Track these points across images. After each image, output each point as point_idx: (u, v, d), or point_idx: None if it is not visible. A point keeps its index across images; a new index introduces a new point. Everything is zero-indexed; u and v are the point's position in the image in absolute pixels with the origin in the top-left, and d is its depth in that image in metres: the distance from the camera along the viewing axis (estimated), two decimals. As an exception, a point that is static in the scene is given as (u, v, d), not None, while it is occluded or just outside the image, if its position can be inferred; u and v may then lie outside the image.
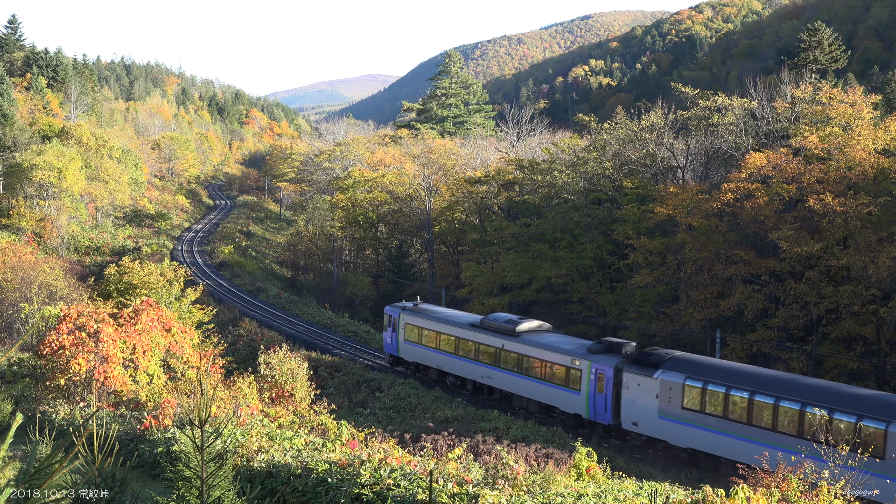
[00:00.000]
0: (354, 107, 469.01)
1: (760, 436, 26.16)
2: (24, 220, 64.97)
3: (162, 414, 19.50)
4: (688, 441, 28.49)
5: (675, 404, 28.73)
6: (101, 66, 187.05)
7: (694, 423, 28.08)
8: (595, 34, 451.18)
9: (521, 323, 35.55)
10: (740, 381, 27.45)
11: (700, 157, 48.45)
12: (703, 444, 28.04)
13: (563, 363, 32.42)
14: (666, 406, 28.97)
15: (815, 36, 71.47)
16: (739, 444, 26.63)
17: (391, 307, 42.55)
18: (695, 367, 29.10)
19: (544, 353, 33.28)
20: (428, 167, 66.00)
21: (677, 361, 29.59)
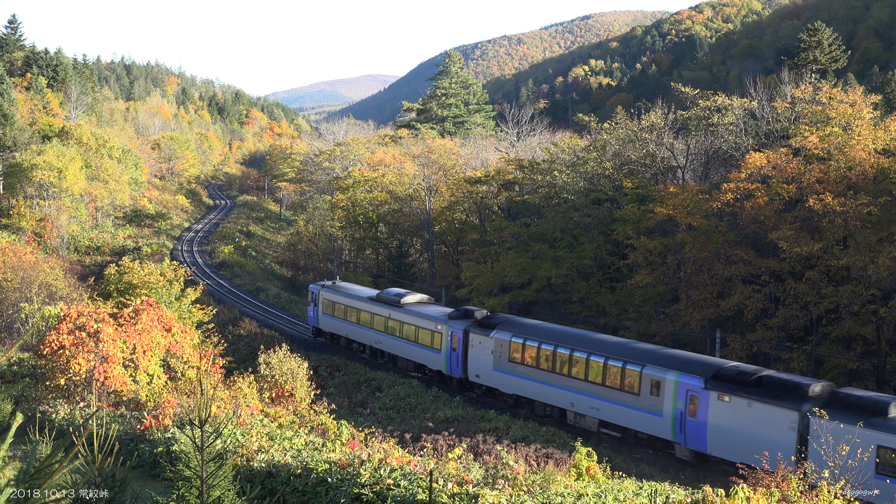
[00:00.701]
0: (354, 107, 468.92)
1: (561, 381, 31.87)
2: (24, 220, 64.98)
3: (162, 414, 19.50)
4: (513, 388, 34.17)
5: (504, 358, 34.45)
6: (101, 66, 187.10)
7: (516, 374, 33.84)
8: (595, 34, 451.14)
9: (406, 296, 41.38)
10: (550, 337, 33.09)
11: (700, 157, 48.45)
12: (523, 391, 33.68)
13: (430, 328, 38.46)
14: (497, 360, 34.76)
15: (815, 36, 71.47)
16: (550, 389, 32.44)
17: (314, 285, 48.83)
18: (521, 327, 34.77)
19: (418, 321, 39.33)
20: (428, 167, 65.99)
21: (509, 323, 35.45)
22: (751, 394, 26.10)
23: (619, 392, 29.92)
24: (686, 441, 28.04)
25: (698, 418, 27.48)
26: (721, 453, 26.94)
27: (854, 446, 21.13)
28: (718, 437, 26.95)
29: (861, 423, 22.93)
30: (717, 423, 26.92)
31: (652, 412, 28.91)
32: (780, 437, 25.13)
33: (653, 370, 29.05)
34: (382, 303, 41.89)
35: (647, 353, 30.40)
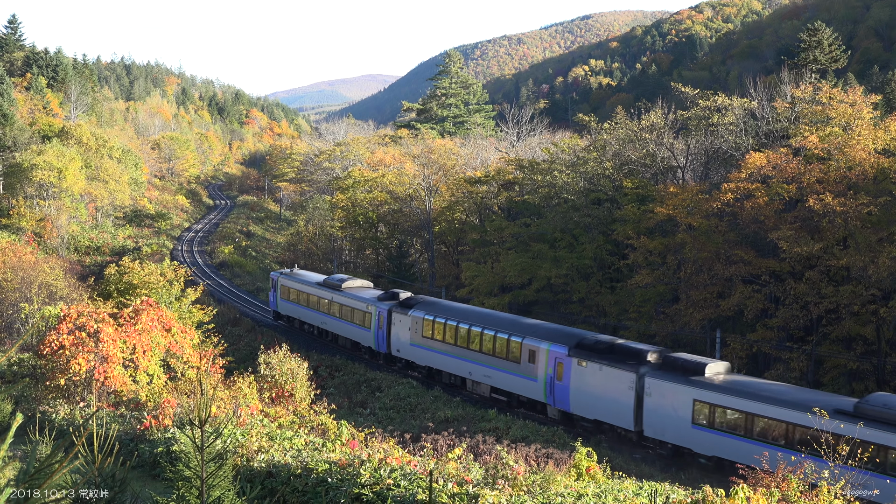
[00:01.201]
0: (354, 107, 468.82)
1: (463, 354, 36.44)
2: (24, 220, 64.97)
3: (162, 414, 19.50)
4: (425, 360, 38.84)
5: (419, 334, 38.98)
6: (101, 66, 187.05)
7: (428, 347, 38.50)
8: (595, 34, 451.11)
9: (346, 281, 46.11)
10: (455, 315, 37.56)
11: (700, 157, 48.44)
12: (433, 363, 38.39)
13: (362, 309, 42.88)
14: (414, 336, 39.30)
15: (815, 36, 71.46)
16: (453, 360, 37.00)
17: (274, 272, 53.80)
18: (434, 306, 39.44)
19: (354, 302, 43.70)
20: (428, 167, 65.96)
21: (425, 303, 39.95)
22: (602, 359, 30.40)
23: (505, 361, 34.43)
24: (555, 402, 32.43)
25: (563, 382, 31.82)
26: (580, 412, 31.40)
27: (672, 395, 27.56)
28: (578, 398, 31.32)
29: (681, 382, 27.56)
30: (577, 385, 31.28)
31: (529, 378, 33.34)
32: (623, 395, 29.42)
33: (531, 341, 33.31)
34: (328, 287, 46.64)
35: (528, 327, 34.80)
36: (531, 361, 33.21)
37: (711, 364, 28.17)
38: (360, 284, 46.63)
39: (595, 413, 30.75)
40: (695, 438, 27.35)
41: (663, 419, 28.44)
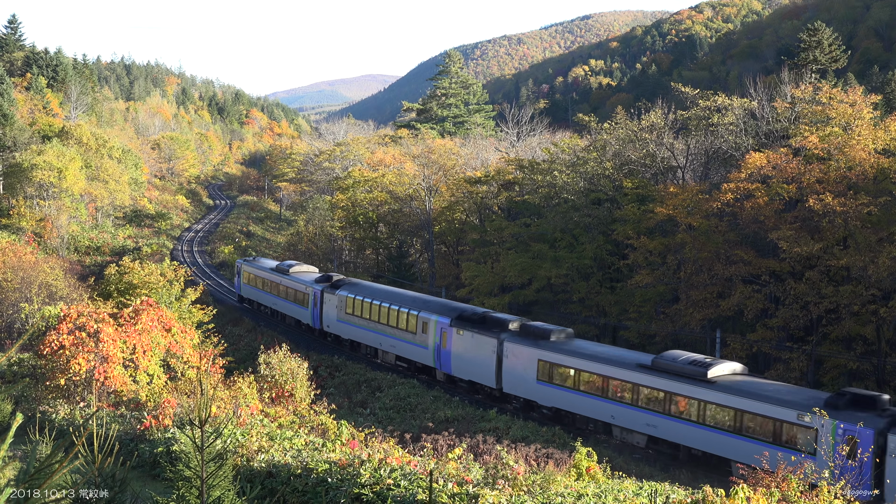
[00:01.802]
0: (354, 107, 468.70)
1: (375, 327, 41.58)
2: (24, 220, 64.96)
3: (162, 414, 19.50)
4: (348, 334, 44.07)
5: (343, 311, 44.06)
6: (101, 66, 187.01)
7: (350, 323, 43.59)
8: (595, 34, 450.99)
9: (294, 266, 51.75)
10: (371, 294, 42.80)
11: (700, 157, 48.43)
12: (354, 336, 43.63)
13: (303, 290, 48.28)
14: (340, 313, 44.41)
15: (815, 36, 71.47)
16: (371, 334, 42.06)
17: (239, 260, 60.16)
18: (357, 287, 44.71)
19: (297, 285, 49.06)
20: (428, 167, 65.94)
21: (350, 284, 45.46)
22: (474, 328, 35.64)
23: (406, 333, 39.60)
24: (440, 366, 37.66)
25: (447, 348, 37.01)
26: (459, 374, 36.66)
27: (523, 356, 33.11)
28: (458, 362, 36.56)
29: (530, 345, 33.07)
30: (457, 351, 36.49)
31: (422, 346, 38.57)
32: (488, 358, 34.68)
33: (424, 314, 38.55)
34: (278, 272, 51.95)
35: (424, 303, 40.00)
36: (424, 332, 38.47)
37: (556, 331, 33.68)
38: (305, 269, 52.08)
39: (470, 375, 36.15)
40: (539, 392, 32.83)
41: (517, 377, 33.75)
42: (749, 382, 27.54)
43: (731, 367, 28.57)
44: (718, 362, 28.63)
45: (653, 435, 28.76)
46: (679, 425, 27.89)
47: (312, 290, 47.10)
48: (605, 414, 30.34)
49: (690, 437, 27.62)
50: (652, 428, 28.74)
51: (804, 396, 26.07)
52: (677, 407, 28.06)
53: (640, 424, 29.09)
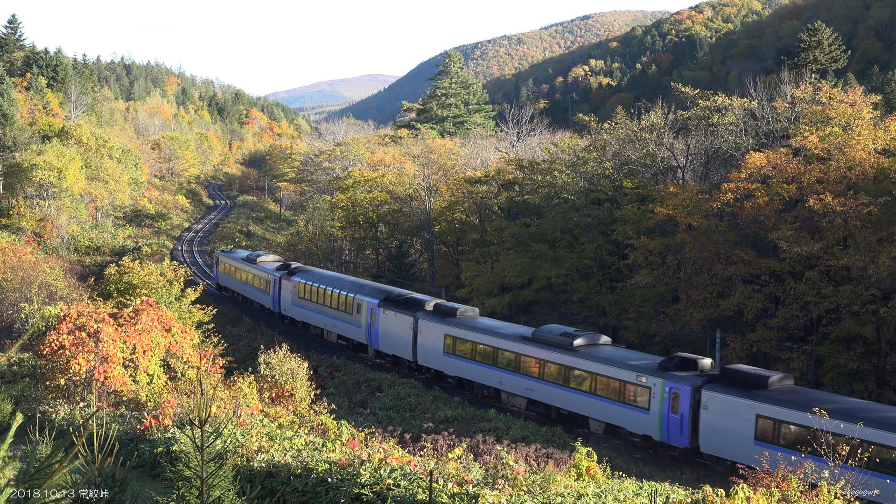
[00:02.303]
0: (354, 107, 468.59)
1: (321, 309, 46.17)
2: (24, 220, 64.96)
3: (162, 414, 19.50)
4: (300, 317, 48.73)
5: (297, 296, 48.53)
6: (101, 66, 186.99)
7: (302, 306, 48.17)
8: (595, 34, 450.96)
9: (261, 256, 56.46)
10: (319, 280, 47.26)
11: (700, 157, 48.42)
12: (305, 318, 48.27)
13: (266, 277, 52.62)
14: (294, 297, 48.90)
15: (815, 36, 71.46)
16: (319, 316, 46.63)
17: (218, 251, 65.24)
18: (309, 273, 49.37)
19: (262, 273, 53.59)
20: (428, 167, 65.93)
21: (304, 271, 50.25)
22: (396, 308, 40.01)
23: (344, 314, 43.91)
24: (371, 343, 42.15)
25: (376, 327, 41.36)
26: (386, 349, 41.11)
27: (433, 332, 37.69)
28: (384, 339, 40.93)
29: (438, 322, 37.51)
30: (383, 329, 40.82)
31: (357, 325, 42.96)
32: (406, 334, 39.23)
33: (359, 297, 42.72)
34: (247, 262, 56.49)
35: (359, 286, 44.39)
36: (358, 312, 42.85)
37: (462, 309, 38.19)
38: (271, 259, 56.63)
39: (394, 350, 40.54)
40: (445, 363, 37.38)
41: (428, 350, 38.10)
42: (605, 350, 31.87)
43: (597, 339, 32.92)
44: (585, 334, 32.99)
45: (531, 398, 33.24)
46: (551, 388, 32.23)
47: (273, 277, 51.78)
48: (495, 380, 34.72)
49: (559, 399, 32.01)
50: (530, 392, 33.14)
51: (645, 361, 30.20)
52: (550, 372, 32.41)
53: (522, 389, 33.49)
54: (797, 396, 26.38)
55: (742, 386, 27.13)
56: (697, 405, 27.71)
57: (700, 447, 27.72)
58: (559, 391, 31.90)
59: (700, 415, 27.56)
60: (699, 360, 29.21)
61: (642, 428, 29.24)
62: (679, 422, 27.95)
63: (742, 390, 26.94)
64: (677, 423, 28.03)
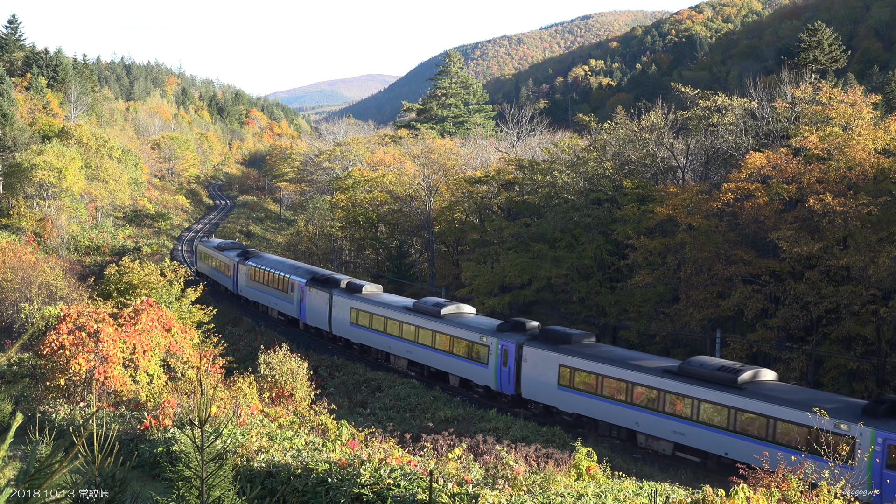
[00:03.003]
0: (354, 107, 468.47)
1: (266, 290, 52.54)
2: (24, 220, 64.94)
3: (162, 414, 19.50)
4: (252, 297, 55.19)
5: (249, 278, 55.26)
6: (101, 66, 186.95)
7: (253, 287, 54.68)
8: (595, 34, 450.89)
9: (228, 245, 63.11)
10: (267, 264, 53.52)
11: (700, 157, 48.42)
12: (255, 297, 54.61)
13: (227, 262, 59.18)
14: (247, 280, 55.43)
15: (815, 36, 71.45)
16: (265, 295, 52.89)
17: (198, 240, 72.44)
18: (261, 258, 56.50)
19: (223, 258, 60.18)
20: (428, 167, 65.92)
21: (257, 256, 57.39)
22: (317, 286, 46.56)
23: (282, 293, 50.44)
24: (300, 317, 48.45)
25: (304, 303, 47.77)
26: (311, 322, 47.36)
27: (344, 306, 43.89)
28: (310, 313, 47.39)
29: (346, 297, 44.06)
30: (309, 305, 47.21)
31: (290, 302, 49.48)
32: (324, 308, 45.68)
33: (293, 277, 49.10)
34: (217, 249, 62.55)
35: (295, 268, 51.12)
36: (291, 291, 49.09)
37: (367, 286, 44.49)
38: (231, 244, 63.85)
39: (316, 322, 47.02)
40: (352, 332, 43.82)
41: (339, 322, 44.72)
42: (466, 318, 38.12)
43: (462, 309, 39.35)
44: (451, 304, 39.24)
45: (410, 359, 40.00)
46: (424, 350, 38.94)
47: (233, 262, 57.94)
48: (384, 345, 41.48)
49: (429, 359, 38.65)
50: (409, 353, 39.96)
51: (489, 325, 36.43)
52: (423, 336, 38.82)
53: (403, 351, 40.29)
54: (591, 350, 32.16)
55: (552, 342, 32.94)
56: (521, 359, 33.82)
57: (522, 394, 33.94)
58: (429, 352, 38.51)
59: (521, 366, 33.81)
60: (528, 322, 35.38)
61: (483, 380, 35.61)
62: (508, 373, 34.31)
63: (551, 345, 32.80)
64: (507, 374, 34.43)
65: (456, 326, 37.07)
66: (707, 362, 28.95)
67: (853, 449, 23.19)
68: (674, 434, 28.39)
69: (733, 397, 26.57)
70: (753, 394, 26.33)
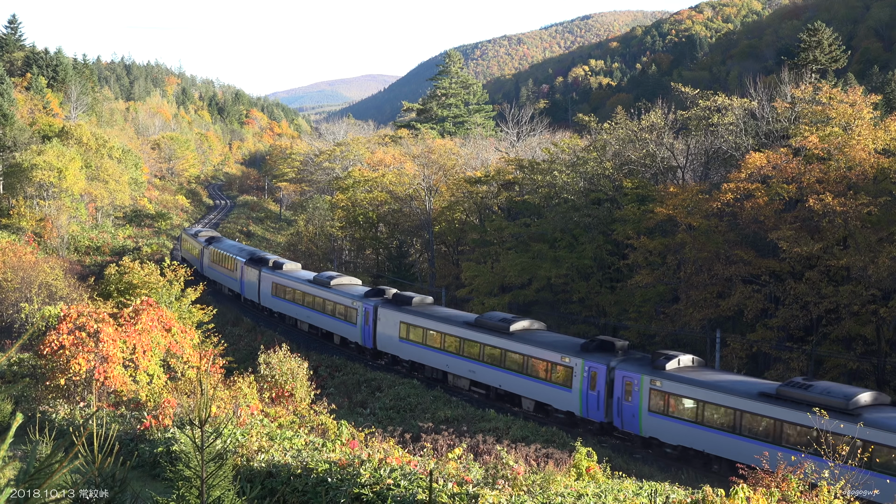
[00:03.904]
0: (354, 107, 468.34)
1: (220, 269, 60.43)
2: (24, 220, 64.92)
3: (162, 414, 19.50)
4: (212, 276, 62.03)
5: (210, 260, 62.97)
6: (101, 66, 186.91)
7: (212, 268, 62.10)
8: (595, 34, 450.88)
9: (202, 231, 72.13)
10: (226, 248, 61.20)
11: (700, 157, 48.41)
12: (214, 277, 61.53)
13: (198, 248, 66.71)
14: (209, 261, 63.13)
15: (815, 36, 71.45)
16: (219, 274, 60.76)
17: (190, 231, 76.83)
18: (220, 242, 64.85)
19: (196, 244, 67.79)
20: (428, 167, 65.91)
21: (218, 240, 65.31)
22: (252, 265, 54.36)
23: (230, 271, 58.67)
24: (242, 292, 56.52)
25: (243, 280, 55.91)
26: (248, 296, 55.44)
27: (268, 281, 51.86)
28: (246, 287, 55.61)
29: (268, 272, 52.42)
30: (246, 281, 55.32)
31: (235, 279, 57.52)
32: (254, 282, 53.71)
33: (238, 258, 57.00)
34: (192, 236, 70.83)
35: (241, 250, 59.78)
36: (236, 270, 57.21)
37: (287, 263, 52.92)
38: (207, 233, 71.36)
39: (251, 296, 54.76)
40: (275, 303, 51.68)
41: (265, 294, 52.54)
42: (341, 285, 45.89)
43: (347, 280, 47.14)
44: (337, 275, 47.13)
45: (311, 323, 47.81)
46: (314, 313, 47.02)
47: (201, 246, 65.70)
48: (295, 312, 48.89)
49: (317, 320, 46.87)
50: (309, 319, 47.68)
51: (376, 298, 42.63)
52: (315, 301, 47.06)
53: (304, 315, 47.95)
54: (427, 310, 39.77)
55: (399, 304, 41.03)
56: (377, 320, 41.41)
57: (377, 347, 41.79)
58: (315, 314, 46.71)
59: (377, 325, 41.53)
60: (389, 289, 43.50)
61: (353, 336, 43.12)
62: (370, 330, 42.13)
63: (397, 307, 40.85)
64: (369, 330, 42.09)
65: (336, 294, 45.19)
66: (494, 315, 36.77)
67: (571, 375, 31.53)
68: (469, 372, 36.04)
69: (505, 341, 34.25)
70: (518, 339, 33.96)
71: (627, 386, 29.59)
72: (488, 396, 35.41)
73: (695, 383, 28.08)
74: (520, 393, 33.66)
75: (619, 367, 29.94)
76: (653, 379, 28.78)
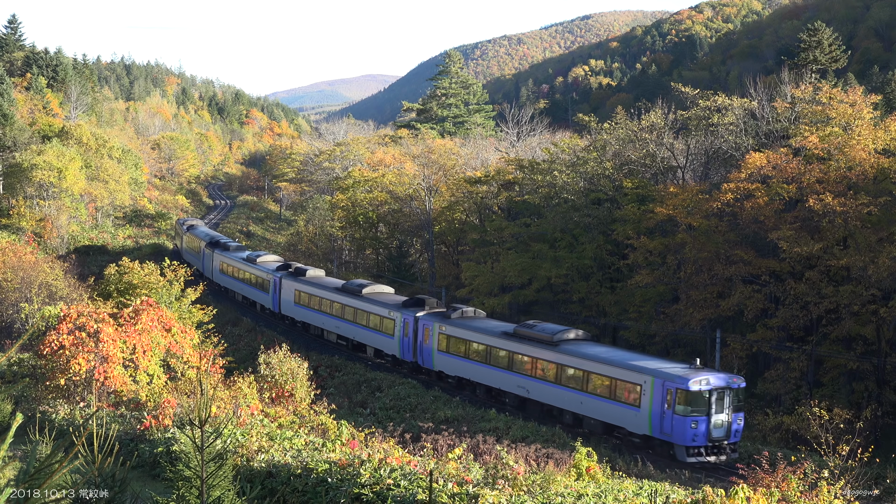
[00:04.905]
0: (354, 107, 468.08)
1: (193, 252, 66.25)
2: (24, 220, 64.90)
3: (162, 414, 19.50)
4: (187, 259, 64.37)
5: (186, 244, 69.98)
6: (101, 66, 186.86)
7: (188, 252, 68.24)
8: (595, 34, 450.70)
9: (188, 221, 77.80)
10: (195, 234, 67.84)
11: (700, 157, 48.43)
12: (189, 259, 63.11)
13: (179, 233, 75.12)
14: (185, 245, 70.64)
15: (815, 36, 71.45)
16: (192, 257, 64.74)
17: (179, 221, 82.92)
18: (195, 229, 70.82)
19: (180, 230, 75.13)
20: (428, 167, 65.90)
21: (194, 227, 71.28)
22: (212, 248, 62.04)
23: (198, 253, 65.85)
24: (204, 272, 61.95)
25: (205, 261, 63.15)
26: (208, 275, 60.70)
27: (217, 260, 61.00)
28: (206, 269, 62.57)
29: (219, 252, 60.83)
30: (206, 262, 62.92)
31: (200, 260, 63.95)
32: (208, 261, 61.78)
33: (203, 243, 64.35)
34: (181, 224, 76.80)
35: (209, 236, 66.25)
36: (200, 252, 64.59)
37: (233, 244, 61.95)
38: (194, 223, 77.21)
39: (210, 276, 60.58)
40: (222, 279, 59.44)
41: (217, 272, 60.18)
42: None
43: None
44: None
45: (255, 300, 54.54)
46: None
47: (182, 231, 73.53)
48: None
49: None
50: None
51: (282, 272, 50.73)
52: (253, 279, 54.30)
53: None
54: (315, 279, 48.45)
55: (296, 275, 49.11)
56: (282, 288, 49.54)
57: (281, 311, 49.85)
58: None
59: (281, 293, 49.69)
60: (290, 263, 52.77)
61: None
62: (277, 298, 50.19)
63: (294, 277, 49.10)
64: (276, 299, 50.42)
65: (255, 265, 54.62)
66: (354, 281, 45.80)
67: (394, 325, 40.03)
68: (336, 328, 45.01)
69: (353, 300, 43.20)
70: (363, 298, 42.48)
71: (426, 332, 37.75)
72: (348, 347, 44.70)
73: (464, 326, 36.59)
74: (367, 343, 42.88)
75: (423, 318, 38.22)
76: (441, 325, 37.06)
